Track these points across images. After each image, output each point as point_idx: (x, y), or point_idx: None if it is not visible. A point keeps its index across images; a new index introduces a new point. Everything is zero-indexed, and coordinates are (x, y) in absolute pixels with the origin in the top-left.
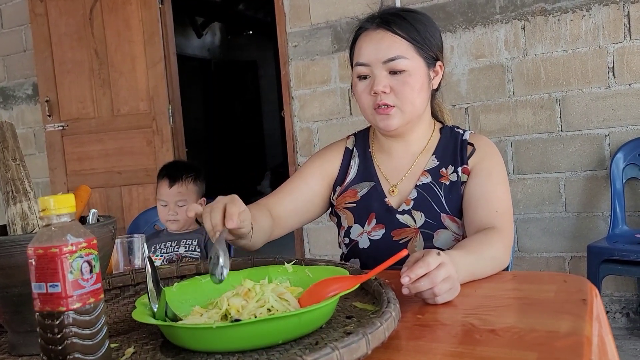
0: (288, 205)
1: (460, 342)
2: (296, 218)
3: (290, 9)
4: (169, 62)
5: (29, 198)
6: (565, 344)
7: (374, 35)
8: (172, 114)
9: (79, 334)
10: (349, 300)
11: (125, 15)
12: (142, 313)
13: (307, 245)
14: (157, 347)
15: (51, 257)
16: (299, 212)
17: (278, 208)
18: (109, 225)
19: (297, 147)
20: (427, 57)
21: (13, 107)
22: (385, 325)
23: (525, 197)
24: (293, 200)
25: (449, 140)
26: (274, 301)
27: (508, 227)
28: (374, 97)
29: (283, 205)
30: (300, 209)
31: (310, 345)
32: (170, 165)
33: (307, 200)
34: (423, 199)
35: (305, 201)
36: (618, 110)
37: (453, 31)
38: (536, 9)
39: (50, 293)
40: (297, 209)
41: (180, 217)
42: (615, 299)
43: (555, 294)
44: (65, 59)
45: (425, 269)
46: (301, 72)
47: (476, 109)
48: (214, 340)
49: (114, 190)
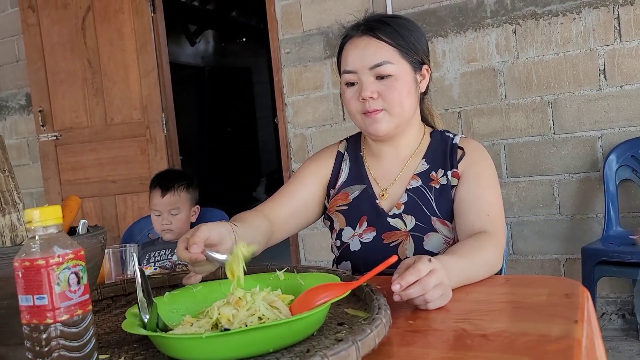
0: (285, 210)
1: (451, 348)
2: (294, 222)
3: (283, 16)
4: (162, 71)
5: (18, 209)
6: (556, 348)
7: (359, 43)
8: (165, 122)
9: (67, 346)
10: (341, 306)
11: (118, 24)
12: (132, 324)
13: (302, 252)
14: (147, 357)
15: (38, 269)
16: (297, 216)
17: (276, 213)
18: (98, 236)
19: (291, 153)
20: (413, 61)
21: (6, 117)
22: (375, 332)
23: (519, 200)
24: (290, 204)
25: (439, 144)
26: (265, 309)
27: (500, 231)
28: (362, 103)
29: (280, 209)
30: (298, 213)
31: (301, 353)
32: (161, 174)
33: (304, 203)
34: (413, 202)
35: (303, 204)
36: (610, 112)
37: (444, 36)
38: (527, 12)
39: (38, 305)
40: (295, 212)
41: (174, 226)
42: (611, 300)
43: (547, 297)
44: (58, 68)
45: (416, 276)
46: (294, 78)
47: (469, 113)
48: (204, 350)
49: (108, 199)
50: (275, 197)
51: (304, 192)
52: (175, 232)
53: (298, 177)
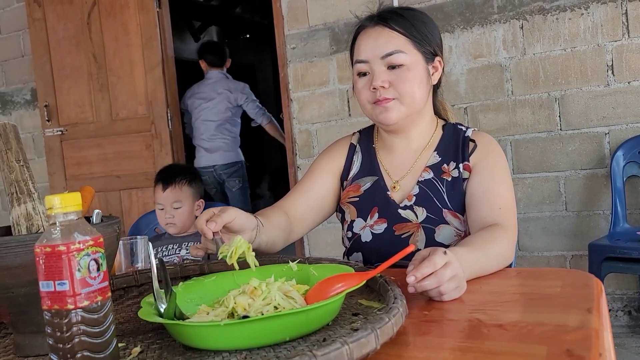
0: (303, 205)
1: (467, 337)
2: (312, 217)
3: (288, 11)
4: (167, 66)
5: (33, 199)
6: (575, 338)
7: (372, 32)
8: (170, 118)
9: (88, 332)
10: (355, 298)
11: (123, 19)
12: (148, 312)
13: (307, 247)
14: (163, 346)
15: (59, 255)
16: (315, 210)
17: (293, 208)
18: (113, 225)
19: (296, 149)
20: (425, 52)
21: (12, 112)
22: (393, 320)
23: (526, 196)
24: (307, 199)
25: (451, 137)
26: (281, 299)
27: (512, 224)
28: (374, 92)
29: (298, 205)
30: (315, 207)
31: (317, 342)
32: (164, 169)
33: (321, 197)
34: (425, 194)
35: (320, 199)
36: (617, 108)
37: (451, 31)
38: (534, 8)
39: (59, 291)
40: (312, 207)
41: (177, 220)
42: (617, 297)
43: (561, 289)
44: (63, 63)
45: (432, 268)
46: (300, 74)
47: (475, 109)
48: (222, 338)
49: (113, 195)
50: (291, 193)
51: (320, 187)
52: (179, 226)
53: (313, 171)
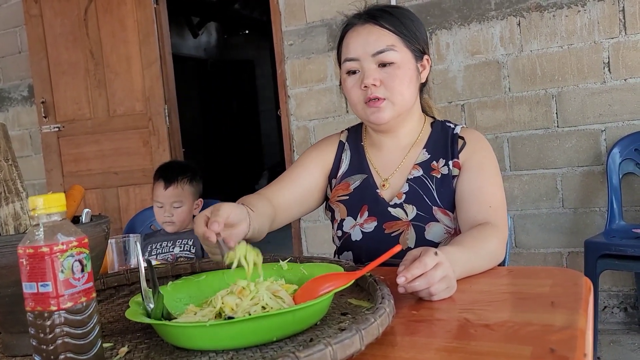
0: (288, 194)
1: (455, 337)
2: (297, 207)
3: (286, 8)
4: (164, 63)
5: (22, 198)
6: (560, 338)
7: (362, 30)
8: (168, 114)
9: (71, 334)
10: (344, 297)
11: (120, 15)
12: (136, 312)
13: (304, 244)
14: (151, 346)
15: (41, 256)
16: (299, 201)
17: (278, 197)
18: (102, 225)
19: (293, 145)
20: (414, 50)
21: (8, 108)
22: (379, 321)
23: (522, 193)
24: (293, 189)
25: (439, 134)
26: (268, 299)
27: (502, 222)
28: (365, 91)
29: (283, 194)
30: (301, 199)
31: (304, 342)
32: (165, 166)
33: (307, 189)
34: (415, 192)
35: (306, 190)
36: (614, 105)
37: (448, 28)
38: (531, 4)
39: (42, 292)
40: (298, 198)
41: (175, 218)
42: (613, 294)
43: (551, 288)
44: (60, 60)
45: (422, 269)
46: (297, 70)
47: (472, 106)
48: (208, 339)
49: (110, 191)
50: (278, 182)
51: (307, 179)
52: (177, 225)
53: (301, 163)
